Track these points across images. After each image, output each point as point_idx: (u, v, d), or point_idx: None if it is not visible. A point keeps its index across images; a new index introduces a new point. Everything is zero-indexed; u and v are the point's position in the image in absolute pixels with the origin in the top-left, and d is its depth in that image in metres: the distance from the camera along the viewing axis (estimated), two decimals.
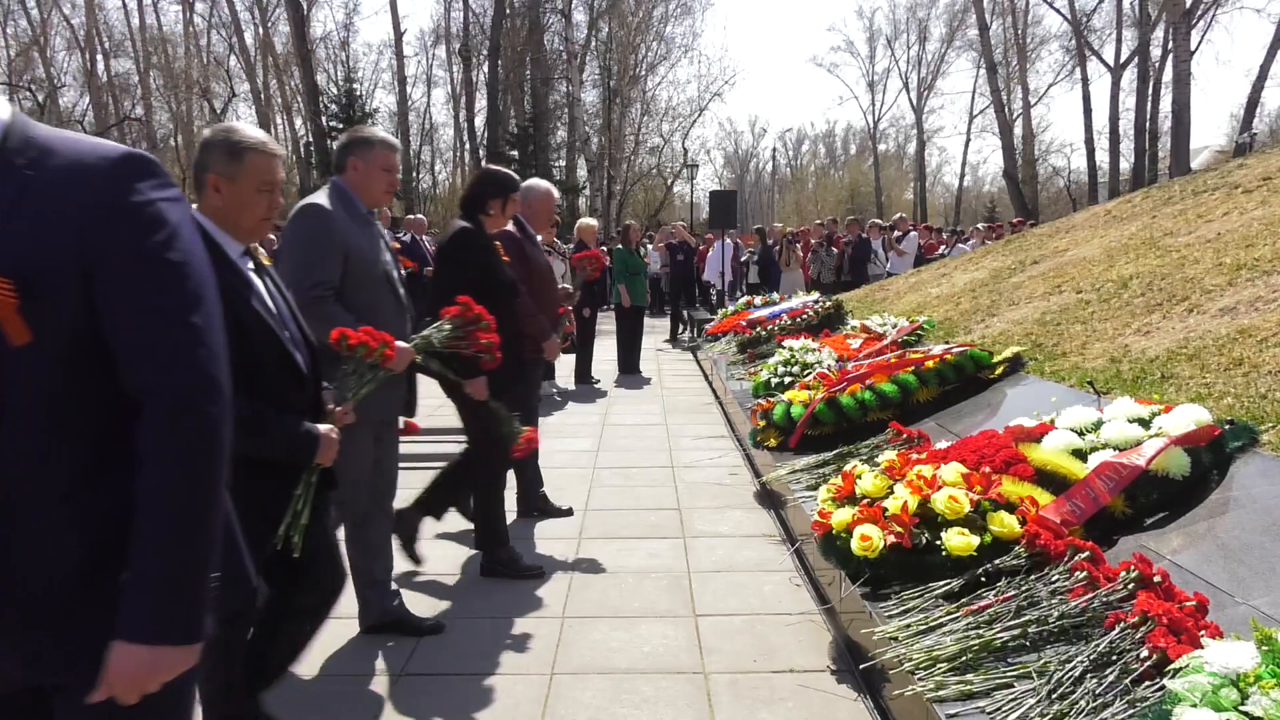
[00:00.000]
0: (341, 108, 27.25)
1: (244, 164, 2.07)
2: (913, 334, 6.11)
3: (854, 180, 48.81)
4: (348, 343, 2.41)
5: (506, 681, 3.02)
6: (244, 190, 2.07)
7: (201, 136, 2.15)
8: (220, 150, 2.06)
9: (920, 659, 2.29)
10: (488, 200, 3.90)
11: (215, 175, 2.06)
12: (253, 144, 2.09)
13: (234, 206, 2.07)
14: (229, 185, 2.06)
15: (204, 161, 2.08)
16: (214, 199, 2.06)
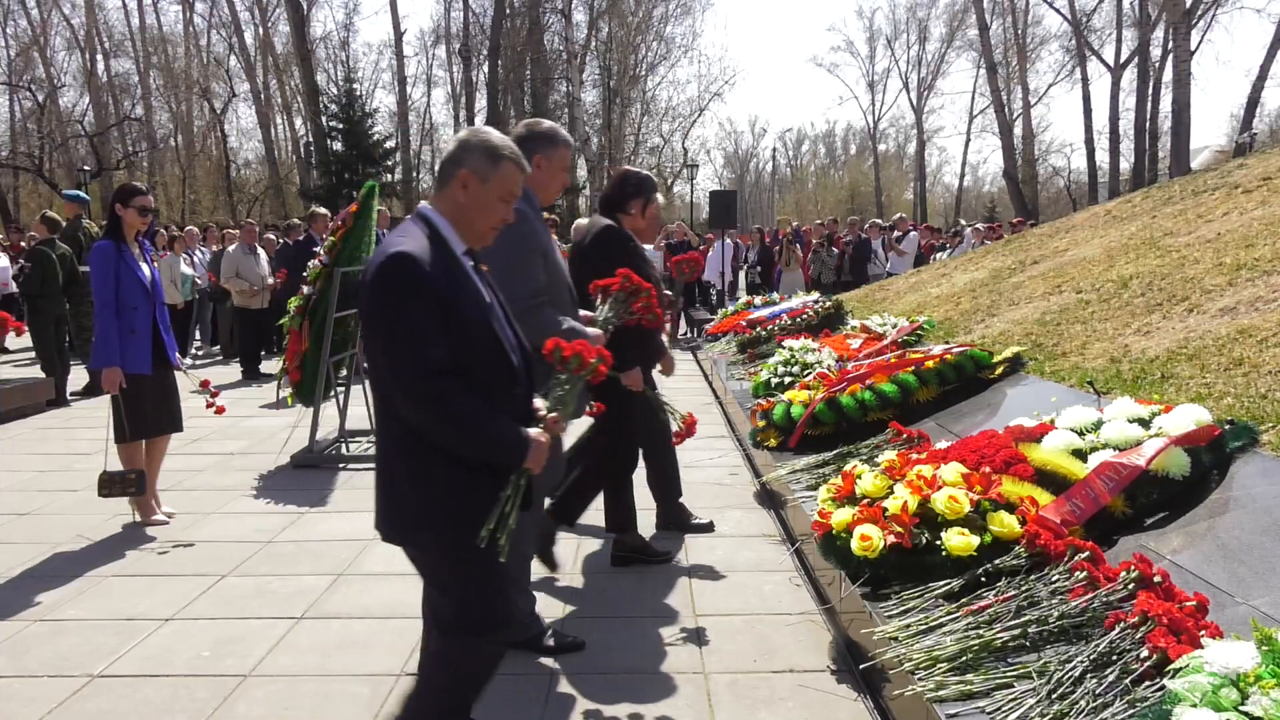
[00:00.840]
0: (341, 108, 27.23)
1: (499, 169, 2.07)
2: (913, 334, 6.10)
3: (854, 180, 48.81)
4: (561, 355, 2.28)
5: (506, 681, 3.01)
6: (490, 195, 2.07)
7: (461, 134, 2.13)
8: (480, 151, 2.07)
9: (920, 659, 2.29)
10: (629, 200, 3.94)
11: (468, 172, 2.05)
12: (511, 154, 2.10)
13: (476, 207, 2.07)
14: (479, 187, 2.06)
15: (458, 157, 2.07)
16: (459, 195, 2.06)
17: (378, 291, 1.89)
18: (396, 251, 1.89)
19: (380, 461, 2.05)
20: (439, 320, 1.90)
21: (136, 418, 4.61)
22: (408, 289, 1.88)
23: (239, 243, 10.69)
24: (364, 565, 4.13)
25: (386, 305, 1.89)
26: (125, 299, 4.51)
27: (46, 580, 3.95)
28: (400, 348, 1.87)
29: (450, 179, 2.06)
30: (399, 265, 1.87)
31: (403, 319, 1.87)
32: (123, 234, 4.59)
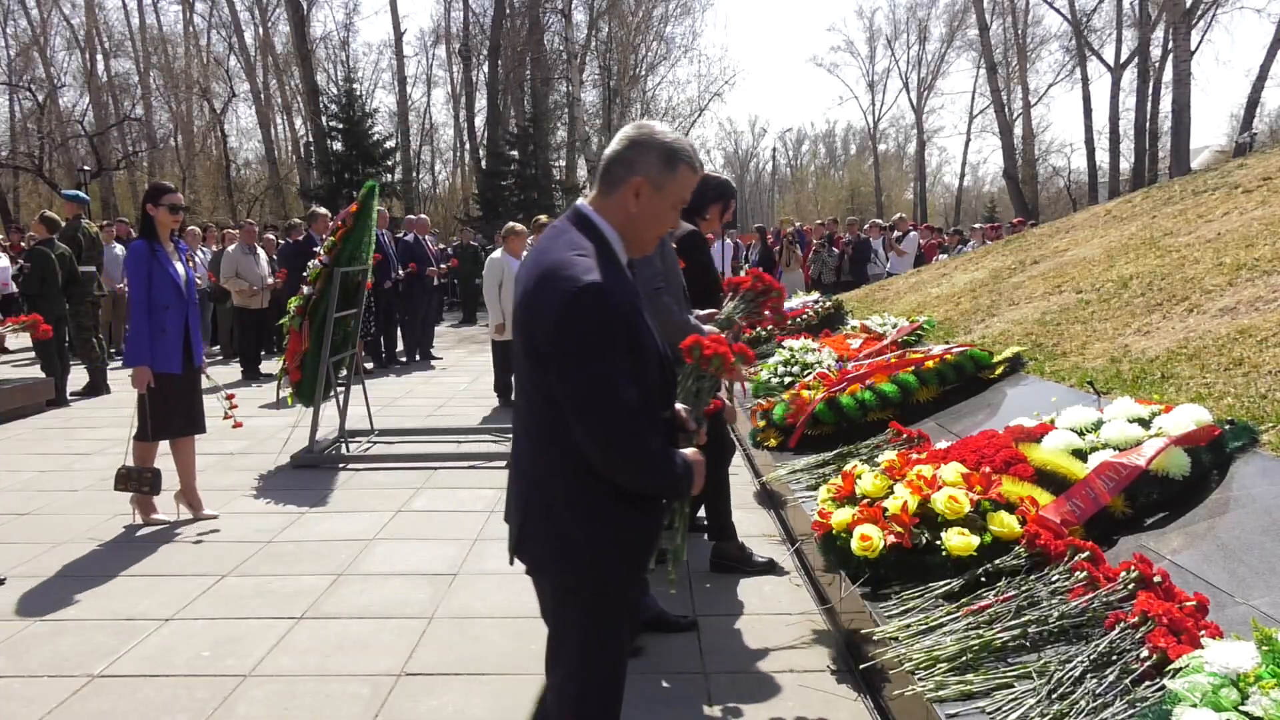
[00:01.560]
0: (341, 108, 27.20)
1: (675, 174, 1.83)
2: (913, 334, 6.10)
3: (854, 180, 48.78)
4: (702, 353, 2.03)
5: (506, 681, 3.02)
6: (664, 202, 1.84)
7: (630, 131, 1.87)
8: (657, 154, 1.81)
9: (920, 659, 2.29)
10: (708, 205, 3.96)
11: (642, 179, 1.80)
12: (686, 155, 1.86)
13: (648, 217, 1.84)
14: (652, 195, 1.82)
15: (630, 160, 1.81)
16: (629, 203, 1.81)
17: (570, 326, 1.66)
18: (590, 284, 1.66)
19: (525, 486, 1.88)
20: (627, 356, 1.72)
21: (159, 419, 4.62)
22: (604, 327, 1.68)
23: (239, 243, 10.69)
24: (364, 565, 4.13)
25: (583, 345, 1.66)
26: (157, 298, 4.53)
27: (46, 580, 3.95)
28: (597, 389, 1.67)
29: (620, 184, 1.81)
30: (595, 302, 1.66)
31: (602, 360, 1.67)
32: (156, 233, 4.60)
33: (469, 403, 8.52)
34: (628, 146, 1.83)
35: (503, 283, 7.79)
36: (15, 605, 3.69)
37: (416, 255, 11.20)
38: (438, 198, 40.59)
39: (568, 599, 1.89)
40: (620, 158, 1.83)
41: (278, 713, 2.82)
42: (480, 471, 5.82)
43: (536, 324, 1.72)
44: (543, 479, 1.83)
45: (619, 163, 1.83)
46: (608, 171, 1.85)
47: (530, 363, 1.76)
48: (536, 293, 1.73)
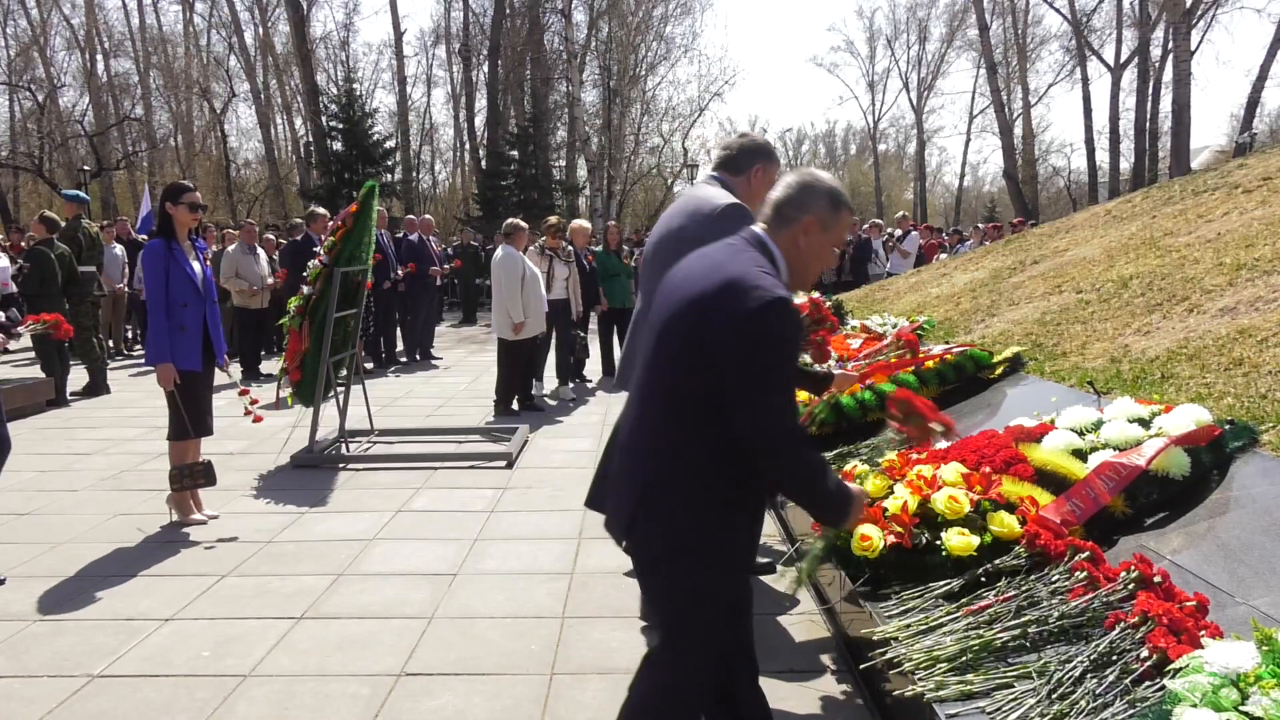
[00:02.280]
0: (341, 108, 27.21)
1: (839, 217, 2.07)
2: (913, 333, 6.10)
3: (854, 180, 48.78)
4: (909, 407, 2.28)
5: (506, 681, 3.02)
6: (828, 242, 2.08)
7: (798, 176, 2.10)
8: (826, 197, 2.05)
9: (920, 659, 2.29)
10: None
11: (813, 218, 2.03)
12: (847, 201, 2.12)
13: (814, 254, 2.07)
14: (820, 234, 2.04)
15: (804, 202, 2.04)
16: (800, 239, 2.03)
17: (759, 333, 1.81)
18: (782, 298, 1.83)
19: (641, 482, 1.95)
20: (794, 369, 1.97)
21: (195, 415, 4.64)
22: (787, 339, 1.86)
23: (239, 242, 10.69)
24: (364, 565, 4.13)
25: (769, 353, 1.82)
26: (175, 296, 4.53)
27: (46, 580, 3.95)
28: (773, 394, 1.83)
29: (793, 222, 2.03)
30: (785, 314, 1.83)
31: (783, 367, 1.85)
32: (174, 232, 4.59)
33: (469, 403, 8.52)
34: (800, 191, 2.06)
35: (524, 278, 7.56)
36: (15, 605, 3.69)
37: (420, 255, 11.18)
38: (438, 198, 40.59)
39: (676, 597, 1.97)
40: (793, 200, 2.05)
41: (278, 713, 2.83)
42: (480, 471, 5.82)
43: (713, 327, 1.83)
44: (666, 478, 1.92)
45: (791, 204, 2.04)
46: (781, 210, 2.06)
47: (680, 363, 1.89)
48: (718, 298, 1.85)
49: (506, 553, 4.29)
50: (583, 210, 29.20)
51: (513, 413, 7.83)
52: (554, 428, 7.23)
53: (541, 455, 6.33)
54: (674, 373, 1.91)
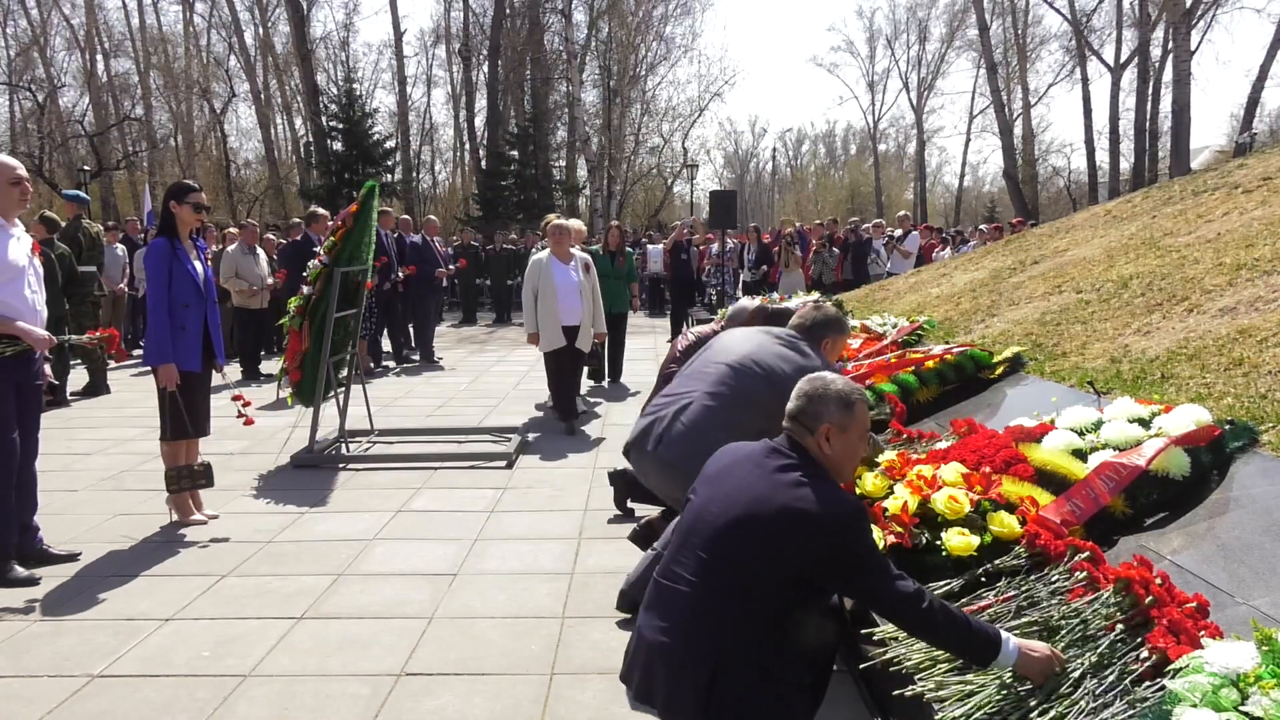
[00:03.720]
0: (341, 108, 27.21)
1: (854, 414, 2.21)
2: (913, 334, 6.10)
3: (854, 180, 48.78)
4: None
5: (506, 681, 3.02)
6: (852, 438, 2.22)
7: (807, 388, 2.26)
8: (835, 403, 2.20)
9: (920, 659, 2.29)
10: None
11: (829, 426, 2.19)
12: (860, 395, 2.26)
13: (843, 455, 2.22)
14: (840, 436, 2.19)
15: (817, 413, 2.20)
16: (824, 447, 2.19)
17: (854, 542, 2.07)
18: (860, 508, 2.16)
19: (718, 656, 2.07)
20: None
21: (194, 415, 4.62)
22: (869, 536, 2.15)
23: (239, 243, 10.69)
24: (364, 565, 4.13)
25: (865, 553, 2.08)
26: (178, 296, 4.52)
27: (46, 580, 3.95)
28: (882, 579, 2.07)
29: (813, 432, 2.21)
30: (865, 520, 2.14)
31: (874, 550, 2.14)
32: (177, 231, 4.58)
33: (469, 403, 8.52)
34: (808, 402, 2.23)
35: (538, 291, 6.98)
36: (15, 605, 3.69)
37: (425, 256, 11.16)
38: (438, 198, 40.57)
39: None
40: (805, 410, 2.23)
41: (278, 713, 2.83)
42: (480, 471, 5.82)
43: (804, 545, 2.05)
44: (738, 661, 2.07)
45: (805, 414, 2.23)
46: (798, 416, 2.25)
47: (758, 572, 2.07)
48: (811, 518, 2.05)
49: (506, 553, 4.29)
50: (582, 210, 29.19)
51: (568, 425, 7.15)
52: (555, 426, 7.23)
53: (542, 455, 6.33)
54: (748, 582, 2.08)
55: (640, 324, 16.08)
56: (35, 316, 4.00)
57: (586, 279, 7.16)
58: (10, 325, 3.87)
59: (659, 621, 2.16)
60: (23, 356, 3.94)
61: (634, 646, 2.25)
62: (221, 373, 4.86)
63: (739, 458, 2.28)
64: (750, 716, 2.07)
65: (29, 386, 4.06)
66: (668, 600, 2.18)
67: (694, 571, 2.13)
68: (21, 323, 3.90)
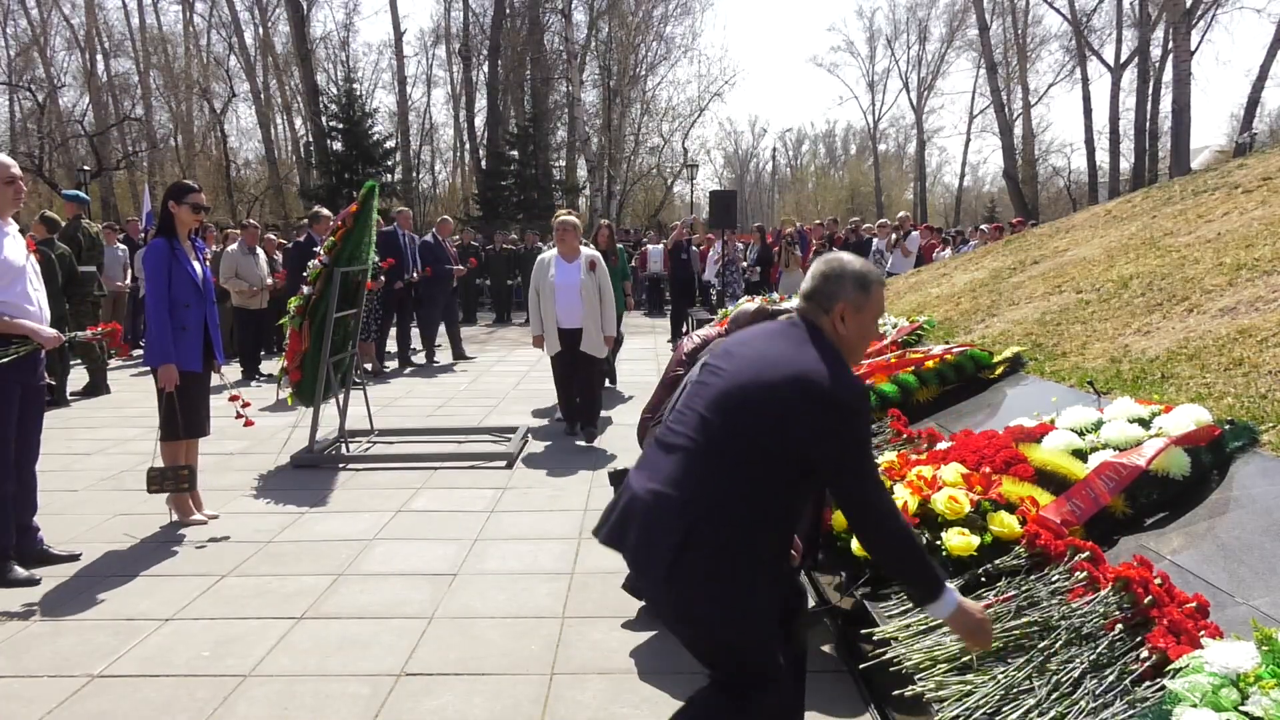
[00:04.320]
0: (341, 108, 27.21)
1: (870, 295, 2.14)
2: (913, 334, 6.10)
3: (854, 180, 48.77)
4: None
5: (506, 681, 3.02)
6: (867, 320, 2.15)
7: (826, 266, 2.18)
8: (852, 282, 2.13)
9: (920, 659, 2.29)
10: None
11: (845, 304, 2.11)
12: (877, 276, 2.19)
13: (857, 335, 2.15)
14: (855, 316, 2.12)
15: (832, 292, 2.13)
16: (839, 327, 2.12)
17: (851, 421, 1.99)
18: (865, 388, 2.10)
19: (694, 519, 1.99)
20: None
21: (190, 416, 4.62)
22: (866, 419, 2.09)
23: (239, 243, 10.69)
24: (364, 565, 4.13)
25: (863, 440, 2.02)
26: (177, 297, 4.52)
27: (46, 580, 3.95)
28: (869, 474, 2.03)
29: (828, 311, 2.13)
30: (866, 400, 2.07)
31: (870, 448, 2.07)
32: (175, 231, 4.58)
33: (469, 403, 8.52)
34: (824, 281, 2.15)
35: (540, 290, 6.65)
36: (15, 605, 3.69)
37: (438, 256, 11.13)
38: (438, 198, 40.57)
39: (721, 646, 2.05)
40: (820, 290, 2.15)
41: (278, 713, 2.83)
42: (480, 471, 5.82)
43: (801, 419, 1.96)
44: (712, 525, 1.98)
45: (820, 294, 2.15)
46: (811, 297, 2.17)
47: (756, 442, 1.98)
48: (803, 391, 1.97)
49: (506, 553, 4.29)
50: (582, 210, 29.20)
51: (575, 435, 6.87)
52: (554, 427, 7.22)
53: (541, 455, 6.32)
54: (742, 445, 2.00)
55: (640, 324, 16.08)
56: (39, 315, 4.00)
57: (590, 278, 6.59)
58: (19, 325, 3.87)
59: (646, 474, 2.10)
60: (31, 356, 3.95)
61: (618, 498, 2.17)
62: (220, 373, 4.86)
63: (757, 331, 2.22)
64: (712, 592, 1.97)
65: (33, 387, 4.06)
66: (659, 456, 2.11)
67: (693, 429, 2.07)
68: (29, 322, 3.90)
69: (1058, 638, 2.21)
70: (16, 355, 3.83)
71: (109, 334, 4.62)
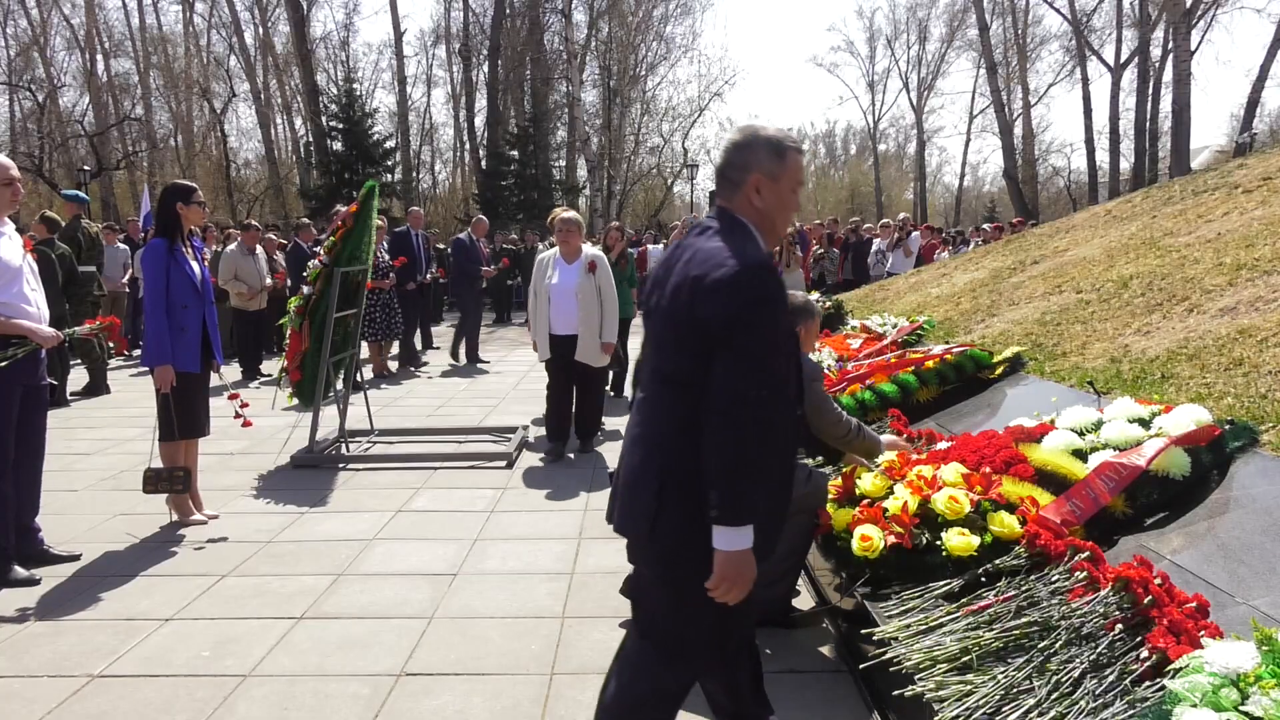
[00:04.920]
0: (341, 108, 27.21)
1: (786, 163, 1.97)
2: (913, 334, 6.10)
3: (854, 180, 48.75)
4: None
5: (506, 681, 3.02)
6: (784, 190, 1.98)
7: (738, 137, 2.00)
8: (766, 149, 1.96)
9: (920, 659, 2.29)
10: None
11: (759, 175, 1.95)
12: (793, 143, 2.00)
13: (775, 208, 1.98)
14: (772, 186, 1.96)
15: (745, 162, 1.96)
16: (754, 200, 1.96)
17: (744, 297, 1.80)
18: (760, 261, 1.84)
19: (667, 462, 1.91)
20: (787, 337, 1.91)
21: (188, 417, 4.62)
22: (773, 302, 1.85)
23: (238, 243, 10.68)
24: (364, 565, 4.13)
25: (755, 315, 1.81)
26: (176, 297, 4.51)
27: (46, 580, 3.95)
28: (749, 360, 1.80)
29: (741, 185, 1.96)
30: (766, 277, 1.83)
31: (765, 331, 1.82)
32: (175, 232, 4.58)
33: (469, 403, 8.52)
34: (737, 150, 1.98)
35: (537, 292, 6.07)
36: (15, 605, 3.68)
37: (471, 256, 11.12)
38: (438, 198, 40.54)
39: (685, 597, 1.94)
40: (733, 162, 1.98)
41: (278, 713, 2.82)
42: (480, 471, 5.82)
43: (703, 303, 1.82)
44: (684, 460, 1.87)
45: (733, 166, 1.97)
46: (725, 175, 1.99)
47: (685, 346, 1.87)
48: (702, 274, 1.84)
49: (506, 553, 4.29)
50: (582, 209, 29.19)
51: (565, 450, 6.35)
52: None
53: (542, 455, 6.32)
54: (679, 356, 1.89)
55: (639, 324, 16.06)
56: (38, 315, 4.00)
57: (589, 280, 5.98)
58: (17, 325, 3.87)
59: (627, 439, 2.02)
60: (31, 356, 3.95)
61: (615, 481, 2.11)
62: (219, 373, 4.86)
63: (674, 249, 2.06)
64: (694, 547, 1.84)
65: (34, 387, 4.06)
66: (633, 414, 2.03)
67: (648, 375, 1.97)
68: (26, 322, 3.90)
69: (1058, 638, 2.20)
70: (15, 357, 3.83)
71: (107, 328, 4.62)
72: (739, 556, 1.81)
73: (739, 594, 1.84)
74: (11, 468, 3.95)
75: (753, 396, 1.79)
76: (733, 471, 1.79)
